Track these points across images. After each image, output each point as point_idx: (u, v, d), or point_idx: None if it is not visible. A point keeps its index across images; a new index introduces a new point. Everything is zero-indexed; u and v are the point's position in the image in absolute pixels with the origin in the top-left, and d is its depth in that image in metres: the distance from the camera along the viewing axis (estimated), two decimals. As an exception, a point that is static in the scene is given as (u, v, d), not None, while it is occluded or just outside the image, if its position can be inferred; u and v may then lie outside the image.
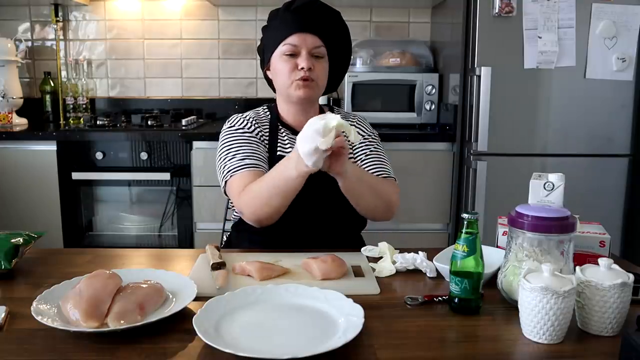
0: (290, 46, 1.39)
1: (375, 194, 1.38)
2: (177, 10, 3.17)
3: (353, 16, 3.18)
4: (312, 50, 1.40)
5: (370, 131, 1.57)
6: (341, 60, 1.52)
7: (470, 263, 0.99)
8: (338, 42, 1.47)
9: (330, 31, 1.44)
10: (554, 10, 2.37)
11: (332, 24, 1.45)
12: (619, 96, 2.47)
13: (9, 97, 2.90)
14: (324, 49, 1.42)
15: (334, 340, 0.86)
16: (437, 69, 2.97)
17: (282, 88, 1.45)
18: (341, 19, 1.48)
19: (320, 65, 1.42)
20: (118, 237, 2.74)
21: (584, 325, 0.93)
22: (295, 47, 1.39)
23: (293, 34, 1.39)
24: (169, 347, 0.87)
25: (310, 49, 1.39)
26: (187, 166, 2.61)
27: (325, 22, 1.43)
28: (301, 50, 1.39)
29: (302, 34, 1.39)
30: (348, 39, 1.51)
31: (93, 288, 0.95)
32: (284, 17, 1.42)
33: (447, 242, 2.69)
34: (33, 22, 3.16)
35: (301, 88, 1.40)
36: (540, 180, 1.12)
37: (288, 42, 1.39)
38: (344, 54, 1.52)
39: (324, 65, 1.43)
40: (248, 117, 1.50)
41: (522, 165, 2.47)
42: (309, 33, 1.39)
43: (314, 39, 1.40)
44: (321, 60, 1.42)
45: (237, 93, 3.26)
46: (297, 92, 1.41)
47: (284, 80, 1.42)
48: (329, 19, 1.45)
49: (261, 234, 1.43)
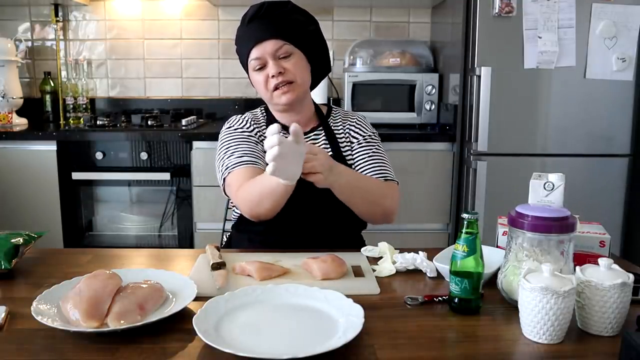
0: (255, 60, 1.40)
1: (371, 201, 1.36)
2: (177, 10, 3.17)
3: (353, 16, 3.19)
4: (276, 53, 1.39)
5: (370, 130, 1.55)
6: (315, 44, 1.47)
7: (470, 263, 0.99)
8: (302, 31, 1.43)
9: (289, 26, 1.41)
10: (554, 10, 2.37)
11: (286, 18, 1.42)
12: (619, 96, 2.47)
13: (9, 97, 2.90)
14: (288, 46, 1.40)
15: (334, 340, 0.86)
16: (437, 69, 2.97)
17: (266, 99, 1.48)
18: (295, 7, 1.45)
19: (291, 62, 1.40)
20: (118, 237, 2.74)
21: (584, 325, 0.93)
22: (259, 59, 1.40)
23: (253, 47, 1.39)
24: (169, 347, 0.87)
25: (273, 54, 1.39)
26: (187, 166, 2.61)
27: (280, 21, 1.40)
28: (267, 59, 1.39)
29: (260, 44, 1.39)
30: (312, 22, 1.47)
31: (93, 288, 0.95)
32: (243, 34, 1.44)
33: (447, 242, 2.69)
34: (33, 22, 3.16)
35: (281, 95, 1.41)
36: (540, 180, 1.12)
37: (252, 57, 1.40)
38: (315, 37, 1.47)
39: (295, 61, 1.41)
40: (246, 118, 1.51)
41: (522, 165, 2.47)
42: (266, 40, 1.39)
43: (273, 43, 1.39)
44: (290, 57, 1.40)
45: (237, 93, 3.26)
46: (280, 100, 1.42)
47: (264, 93, 1.44)
48: (282, 15, 1.42)
49: (261, 234, 1.43)
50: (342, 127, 1.53)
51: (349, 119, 1.55)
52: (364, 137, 1.52)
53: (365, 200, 1.36)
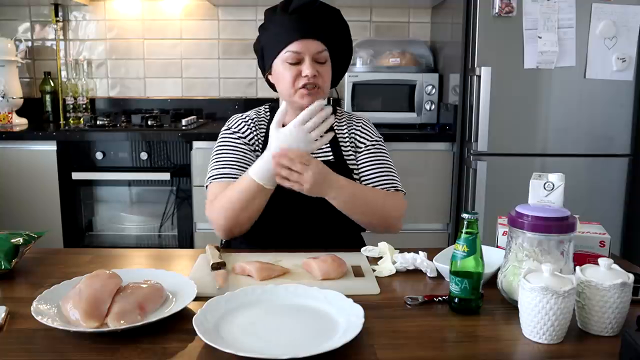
0: (292, 54, 1.35)
1: (371, 211, 1.35)
2: (177, 10, 3.17)
3: (353, 16, 3.18)
4: (316, 56, 1.36)
5: (376, 136, 1.53)
6: (342, 58, 1.49)
7: (470, 263, 0.99)
8: (339, 43, 1.45)
9: (332, 33, 1.41)
10: (554, 10, 2.37)
11: (333, 25, 1.42)
12: (619, 96, 2.47)
13: (9, 97, 2.91)
14: (326, 53, 1.39)
15: (334, 340, 0.86)
16: (437, 69, 2.97)
17: (285, 95, 1.42)
18: (341, 18, 1.45)
19: (324, 69, 1.39)
20: (118, 237, 2.74)
21: (584, 325, 0.93)
22: (298, 54, 1.35)
23: (295, 40, 1.35)
24: (169, 347, 0.87)
25: (313, 55, 1.36)
26: (187, 166, 2.61)
27: (327, 25, 1.40)
28: (304, 57, 1.35)
29: (304, 40, 1.35)
30: (349, 38, 1.48)
31: (93, 288, 0.95)
32: (283, 21, 1.38)
33: (447, 242, 2.69)
34: (33, 22, 3.16)
35: (305, 96, 1.37)
36: (540, 180, 1.12)
37: (290, 50, 1.35)
38: (345, 52, 1.49)
39: (327, 69, 1.40)
40: (247, 120, 1.49)
41: (522, 165, 2.47)
42: (311, 39, 1.36)
43: (316, 45, 1.36)
44: (325, 64, 1.39)
45: (237, 93, 3.26)
46: (302, 101, 1.38)
47: (288, 88, 1.39)
48: (330, 20, 1.42)
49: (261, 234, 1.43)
50: (347, 130, 1.52)
51: (353, 122, 1.53)
52: (371, 142, 1.51)
53: (367, 213, 1.35)
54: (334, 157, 1.46)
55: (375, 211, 1.36)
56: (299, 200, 1.31)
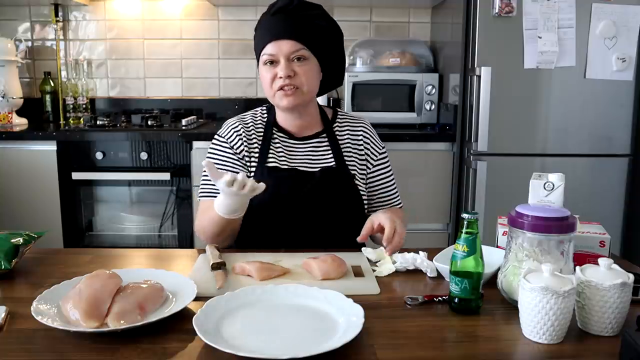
0: (268, 56, 1.37)
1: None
2: (177, 10, 3.17)
3: (353, 16, 3.18)
4: (291, 55, 1.36)
5: (382, 147, 1.53)
6: (333, 55, 1.46)
7: (470, 263, 0.99)
8: (322, 39, 1.42)
9: (312, 31, 1.39)
10: (554, 10, 2.37)
11: (310, 22, 1.39)
12: (619, 96, 2.47)
13: (9, 97, 2.90)
14: (305, 51, 1.37)
15: (334, 340, 0.86)
16: (437, 69, 2.97)
17: (268, 97, 1.43)
18: (323, 13, 1.43)
19: (303, 68, 1.37)
20: (118, 237, 2.74)
21: (584, 325, 0.93)
22: (272, 55, 1.36)
23: (269, 42, 1.36)
24: (169, 347, 0.87)
25: (287, 55, 1.36)
26: (187, 166, 2.61)
27: (303, 23, 1.38)
28: (279, 58, 1.36)
29: (278, 41, 1.36)
30: (335, 33, 1.45)
31: (93, 288, 0.95)
32: (265, 24, 1.41)
33: (447, 242, 2.69)
34: (33, 22, 3.16)
35: (284, 97, 1.38)
36: (540, 180, 1.12)
37: (266, 52, 1.37)
38: (334, 48, 1.46)
39: (308, 67, 1.39)
40: (239, 129, 1.46)
41: (522, 165, 2.47)
42: (285, 39, 1.36)
43: (290, 44, 1.36)
44: (305, 62, 1.38)
45: (237, 93, 3.26)
46: (281, 102, 1.39)
47: (268, 90, 1.41)
48: (308, 18, 1.39)
49: (261, 234, 1.43)
50: (350, 136, 1.50)
51: (355, 127, 1.52)
52: (380, 156, 1.52)
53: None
54: (335, 162, 1.45)
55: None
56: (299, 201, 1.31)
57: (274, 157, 1.44)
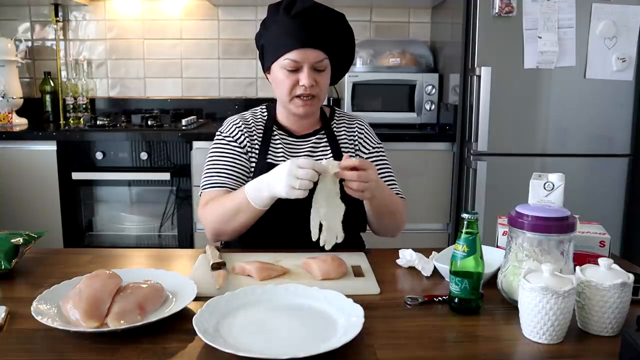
0: (291, 62, 1.33)
1: (392, 219, 1.39)
2: (177, 10, 3.17)
3: (353, 16, 3.15)
4: (315, 64, 1.35)
5: (376, 141, 1.53)
6: (343, 62, 1.48)
7: (470, 263, 0.99)
8: (341, 48, 1.43)
9: (335, 40, 1.39)
10: (554, 10, 2.37)
11: (336, 32, 1.39)
12: (618, 96, 2.47)
13: (9, 97, 2.90)
14: (327, 61, 1.37)
15: (334, 340, 0.86)
16: (437, 69, 2.97)
17: (281, 100, 1.42)
18: (345, 23, 1.43)
19: (322, 78, 1.37)
20: (118, 237, 2.74)
21: (584, 325, 0.93)
22: (296, 62, 1.33)
23: (295, 49, 1.32)
24: (169, 347, 0.87)
25: (312, 64, 1.34)
26: (187, 166, 2.61)
27: (329, 32, 1.37)
28: (303, 66, 1.33)
29: (305, 49, 1.32)
30: (352, 43, 1.46)
31: (93, 288, 0.95)
32: (285, 25, 1.34)
33: (447, 242, 2.69)
34: (33, 22, 3.16)
35: (301, 106, 1.37)
36: (540, 180, 1.12)
37: (289, 58, 1.33)
38: (347, 57, 1.47)
39: (326, 77, 1.39)
40: (240, 125, 1.46)
41: (522, 165, 2.47)
42: (312, 48, 1.33)
43: (316, 54, 1.34)
44: (323, 72, 1.37)
45: (237, 93, 3.26)
46: (298, 110, 1.38)
47: (284, 95, 1.38)
48: (333, 27, 1.39)
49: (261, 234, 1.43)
50: (346, 133, 1.51)
51: (351, 124, 1.52)
52: (373, 149, 1.51)
53: (390, 216, 1.38)
54: (333, 156, 1.46)
55: (394, 217, 1.39)
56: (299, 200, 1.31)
57: (273, 153, 1.45)
